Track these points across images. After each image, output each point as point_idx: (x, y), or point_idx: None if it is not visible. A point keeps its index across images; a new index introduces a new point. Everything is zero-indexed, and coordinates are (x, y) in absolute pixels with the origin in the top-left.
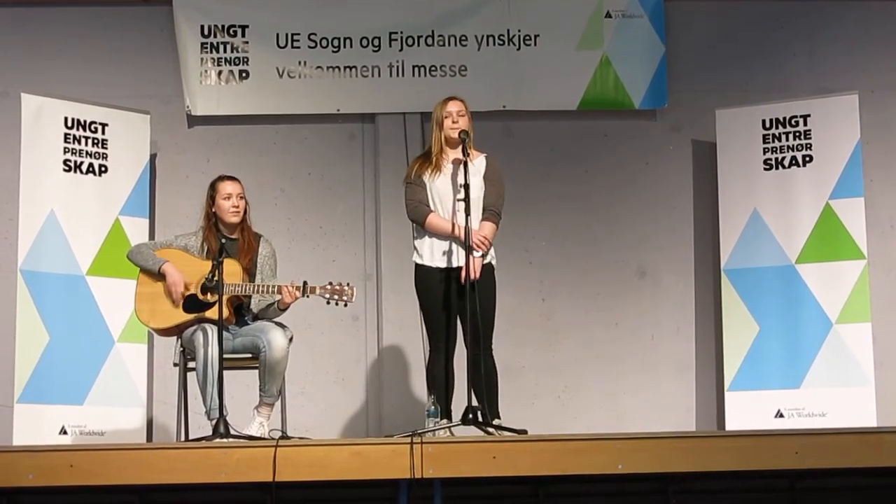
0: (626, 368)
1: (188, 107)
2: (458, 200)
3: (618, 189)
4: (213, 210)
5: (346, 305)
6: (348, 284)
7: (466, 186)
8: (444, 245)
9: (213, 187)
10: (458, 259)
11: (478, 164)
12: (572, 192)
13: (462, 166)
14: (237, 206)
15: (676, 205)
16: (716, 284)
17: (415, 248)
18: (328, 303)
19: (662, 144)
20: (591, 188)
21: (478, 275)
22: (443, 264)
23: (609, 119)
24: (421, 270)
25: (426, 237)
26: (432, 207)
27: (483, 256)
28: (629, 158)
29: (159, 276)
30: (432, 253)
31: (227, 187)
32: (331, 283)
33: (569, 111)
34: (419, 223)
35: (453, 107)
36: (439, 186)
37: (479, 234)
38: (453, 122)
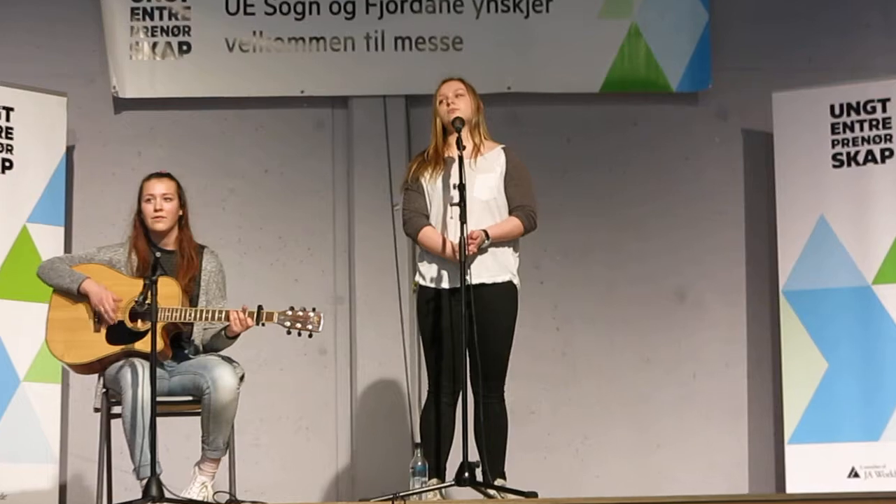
0: (660, 415)
1: (115, 87)
2: (452, 205)
3: (651, 191)
4: (141, 216)
5: (311, 336)
6: (314, 310)
7: (461, 187)
8: (453, 263)
9: (140, 187)
10: (472, 277)
11: (492, 158)
12: (594, 196)
13: (457, 162)
14: (160, 210)
15: (724, 211)
16: (773, 310)
17: (417, 268)
18: (289, 332)
19: (706, 136)
20: (616, 190)
21: (474, 248)
22: (450, 285)
23: (639, 104)
24: (424, 294)
25: (427, 256)
26: (432, 216)
27: (479, 252)
28: (665, 153)
29: (79, 296)
30: (437, 272)
31: (148, 187)
32: (292, 308)
33: (589, 94)
34: (412, 237)
35: (448, 88)
36: (439, 189)
37: (472, 233)
38: (448, 107)
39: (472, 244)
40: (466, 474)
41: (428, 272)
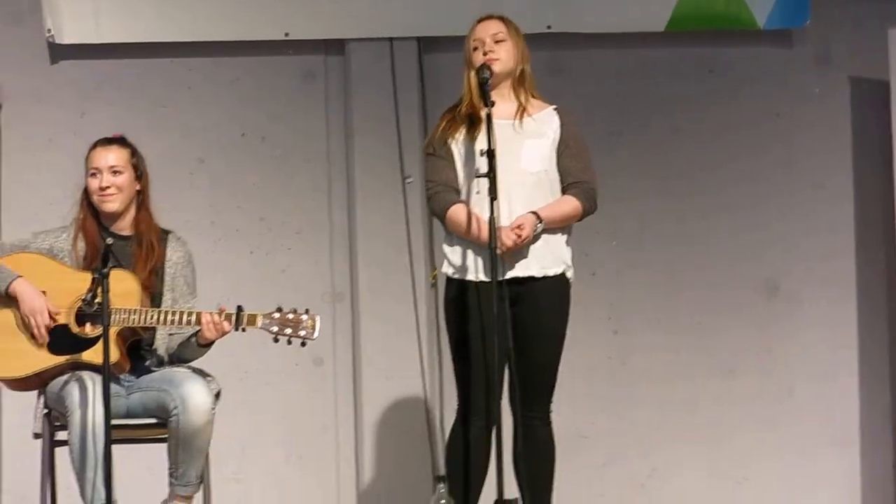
0: (747, 440)
1: (49, 30)
2: (479, 177)
3: (731, 157)
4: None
5: (304, 344)
6: (307, 311)
7: (489, 154)
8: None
9: (86, 156)
10: (518, 268)
11: (543, 120)
12: (657, 163)
13: (485, 122)
14: (108, 188)
15: (826, 181)
16: (891, 307)
17: (444, 255)
18: (276, 340)
19: (803, 85)
20: (686, 156)
21: (508, 243)
22: (485, 277)
23: (716, 46)
24: (451, 288)
25: (457, 239)
26: (462, 189)
27: (528, 243)
28: (749, 108)
29: (8, 297)
30: (469, 259)
31: (93, 158)
32: (280, 309)
33: (652, 34)
34: (439, 217)
35: (485, 30)
36: (470, 155)
37: (522, 224)
38: (485, 54)
39: (521, 232)
40: None
41: (457, 260)
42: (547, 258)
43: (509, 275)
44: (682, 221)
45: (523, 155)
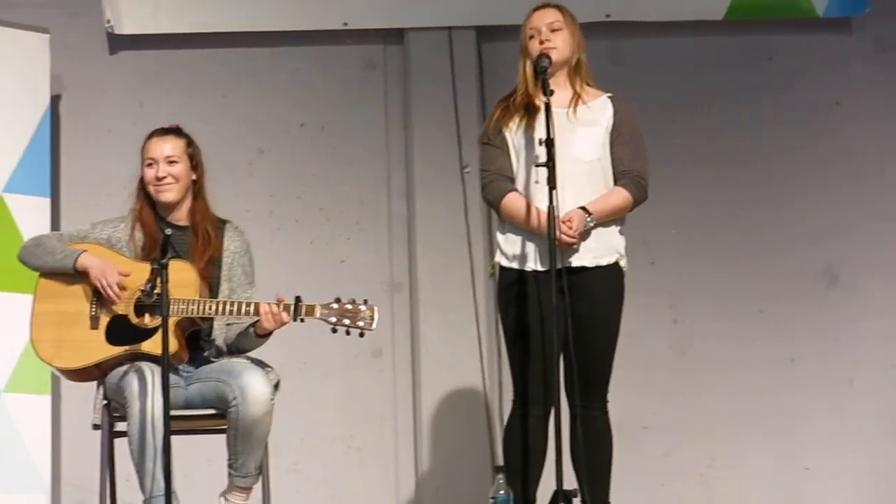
0: (808, 431)
1: (109, 21)
2: (538, 166)
3: (790, 146)
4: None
5: (362, 335)
6: (366, 301)
7: (549, 143)
8: (544, 239)
9: (142, 148)
10: (570, 258)
11: (597, 108)
12: (716, 151)
13: (544, 111)
14: (163, 177)
15: (886, 168)
16: None
17: (497, 244)
18: (334, 330)
19: (862, 74)
20: (746, 144)
21: (566, 239)
22: (541, 266)
23: (775, 34)
24: (506, 277)
25: (511, 227)
26: (516, 178)
27: (580, 240)
28: (808, 97)
29: (76, 275)
30: (522, 249)
31: (150, 148)
32: (339, 300)
33: (710, 22)
34: (493, 206)
35: (541, 19)
36: (525, 144)
37: (571, 217)
38: (542, 43)
39: (570, 230)
40: None
41: (511, 249)
42: (599, 248)
43: (568, 263)
44: (742, 210)
45: (576, 143)
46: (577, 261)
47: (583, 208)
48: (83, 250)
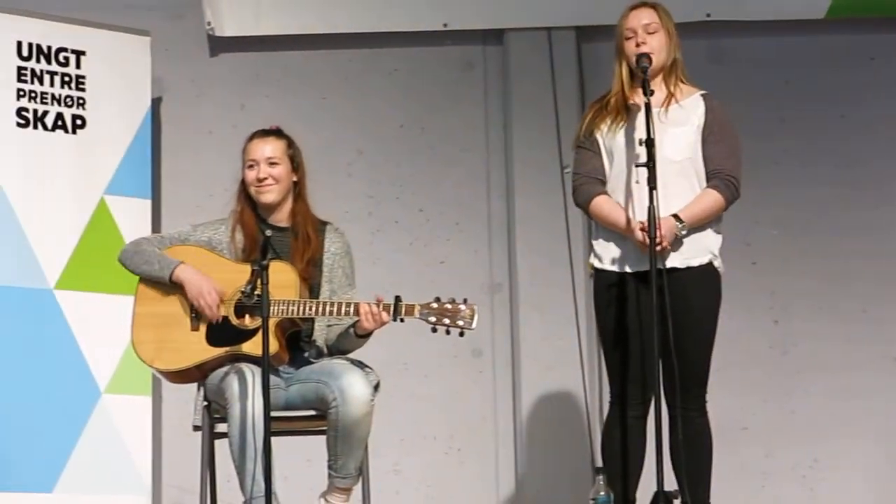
0: None
1: (210, 23)
2: (638, 166)
3: (894, 147)
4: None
5: (462, 334)
6: (465, 301)
7: (648, 143)
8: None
9: (243, 148)
10: (663, 259)
11: (688, 106)
12: (819, 151)
13: (644, 111)
14: (264, 179)
15: None
16: None
17: (591, 247)
18: (434, 330)
19: None
20: (851, 144)
21: (666, 243)
22: (634, 268)
23: (878, 32)
24: (601, 279)
25: (603, 231)
26: (609, 177)
27: (673, 249)
28: None
29: (172, 285)
30: (617, 252)
31: (251, 149)
32: (438, 300)
33: (812, 21)
34: (583, 209)
35: (638, 19)
36: (621, 144)
37: (662, 226)
38: (638, 45)
39: (664, 240)
40: None
41: (606, 252)
42: (691, 248)
43: (664, 265)
44: (847, 210)
45: (666, 144)
46: (668, 262)
47: (675, 216)
48: (180, 262)
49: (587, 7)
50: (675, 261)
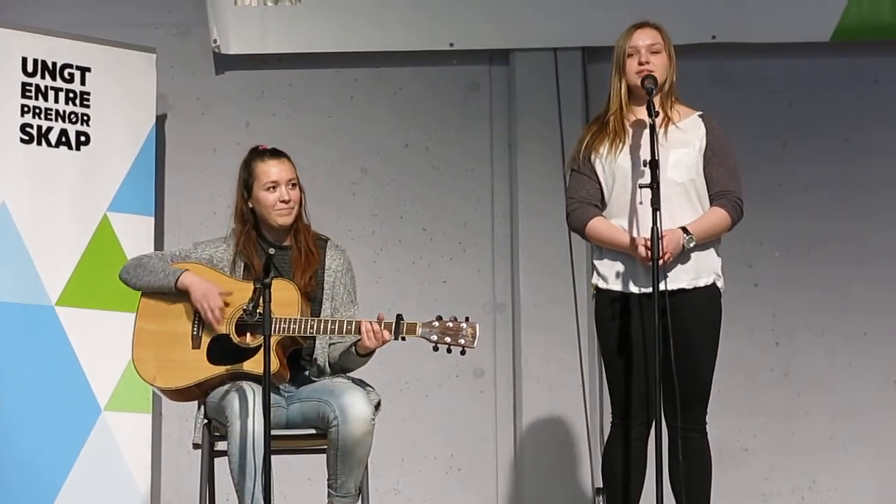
0: None
1: (216, 41)
2: (642, 187)
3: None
4: (251, 205)
5: (463, 353)
6: (467, 320)
7: (653, 164)
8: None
9: (248, 168)
10: (667, 281)
11: (688, 128)
12: (822, 174)
13: (647, 132)
14: (288, 201)
15: None
16: None
17: (594, 267)
18: (436, 348)
19: None
20: (852, 167)
21: (669, 255)
22: (640, 288)
23: (883, 56)
24: (604, 299)
25: (606, 251)
26: (609, 199)
27: (679, 262)
28: None
29: (177, 294)
30: (620, 272)
31: (270, 171)
32: (440, 318)
33: (817, 44)
34: (578, 232)
35: (641, 38)
36: (623, 166)
37: (666, 236)
38: (641, 64)
39: (668, 251)
40: None
41: (611, 271)
42: (695, 269)
43: (665, 286)
44: (849, 233)
45: (669, 165)
46: (674, 283)
47: (683, 228)
48: (185, 269)
49: (593, 28)
50: (682, 281)
